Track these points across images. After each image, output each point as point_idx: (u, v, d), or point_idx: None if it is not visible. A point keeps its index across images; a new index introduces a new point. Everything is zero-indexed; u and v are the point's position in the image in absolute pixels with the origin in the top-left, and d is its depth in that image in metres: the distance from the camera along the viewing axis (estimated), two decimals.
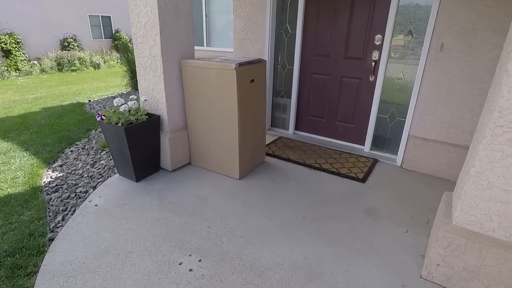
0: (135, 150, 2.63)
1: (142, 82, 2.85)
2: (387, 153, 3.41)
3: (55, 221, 2.32)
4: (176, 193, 2.63)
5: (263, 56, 3.84)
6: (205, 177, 2.89)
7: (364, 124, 3.50)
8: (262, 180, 2.86)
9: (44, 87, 8.52)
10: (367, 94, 3.37)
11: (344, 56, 3.41)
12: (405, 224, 2.30)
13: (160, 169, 3.00)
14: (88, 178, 2.98)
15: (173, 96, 2.81)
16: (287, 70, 3.84)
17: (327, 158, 3.33)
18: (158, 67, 2.65)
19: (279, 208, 2.44)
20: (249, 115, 2.76)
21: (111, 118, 2.52)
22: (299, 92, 3.85)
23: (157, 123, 2.78)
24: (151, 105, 2.87)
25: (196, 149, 3.03)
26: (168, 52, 2.64)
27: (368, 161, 3.29)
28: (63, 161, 3.39)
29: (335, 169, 3.09)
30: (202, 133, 2.90)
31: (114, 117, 2.51)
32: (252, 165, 3.03)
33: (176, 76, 2.78)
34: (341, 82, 3.51)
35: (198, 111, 2.83)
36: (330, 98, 3.65)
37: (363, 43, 3.25)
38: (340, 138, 3.72)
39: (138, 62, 2.79)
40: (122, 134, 2.50)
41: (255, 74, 2.73)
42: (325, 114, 3.74)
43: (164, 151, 2.90)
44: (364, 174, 3.00)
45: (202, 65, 2.63)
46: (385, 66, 3.15)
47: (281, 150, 3.53)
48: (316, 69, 3.63)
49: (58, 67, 11.55)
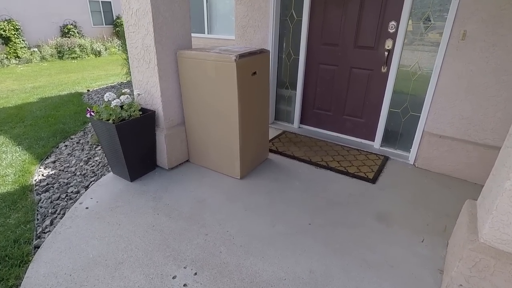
0: (129, 148, 2.45)
1: (136, 75, 2.64)
2: (399, 150, 3.19)
3: (43, 225, 2.17)
4: (173, 194, 2.46)
5: (267, 45, 3.59)
6: (204, 177, 2.72)
7: (374, 119, 3.27)
8: (265, 180, 2.68)
9: (43, 76, 8.34)
10: (379, 86, 3.13)
11: (354, 45, 3.15)
12: (420, 231, 2.11)
13: (156, 168, 2.83)
14: (80, 176, 2.82)
15: (169, 90, 2.60)
16: (292, 60, 3.60)
17: (334, 155, 3.13)
18: (151, 58, 2.44)
19: (282, 212, 2.26)
20: (251, 111, 2.55)
21: (101, 115, 2.33)
22: (304, 84, 3.61)
23: (152, 119, 2.58)
24: (146, 99, 2.67)
25: (194, 147, 2.84)
26: (162, 42, 2.42)
27: (378, 158, 3.08)
28: (56, 157, 3.23)
29: (343, 168, 2.89)
30: (201, 130, 2.70)
31: (105, 114, 2.32)
32: (254, 163, 2.84)
33: (172, 68, 2.56)
34: (350, 73, 3.27)
35: (196, 107, 2.63)
36: (338, 91, 3.41)
37: (376, 31, 2.98)
38: (348, 133, 3.50)
39: (131, 53, 2.57)
40: (114, 132, 2.31)
41: (257, 66, 2.50)
42: (333, 108, 3.51)
43: (160, 149, 2.72)
44: (374, 174, 2.80)
45: (199, 57, 2.40)
46: (399, 56, 2.89)
47: (285, 146, 3.32)
48: (324, 59, 3.38)
49: (59, 55, 11.32)
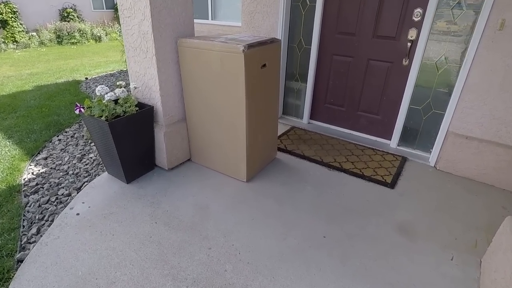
0: (124, 148, 2.22)
1: (132, 65, 2.38)
2: (418, 150, 2.94)
3: (29, 234, 1.97)
4: (172, 199, 2.24)
5: (276, 33, 3.29)
6: (206, 179, 2.49)
7: (392, 116, 3.00)
8: (273, 184, 2.45)
9: (41, 62, 8.07)
10: (399, 80, 2.86)
11: (373, 35, 2.86)
12: (448, 247, 1.88)
13: (155, 167, 2.60)
14: (73, 176, 2.60)
15: (168, 83, 2.34)
16: (303, 50, 3.31)
17: (348, 156, 2.88)
18: (149, 47, 2.17)
19: (294, 222, 2.04)
20: (259, 107, 2.30)
21: (93, 111, 2.09)
22: (316, 76, 3.33)
23: (149, 116, 2.34)
24: (143, 93, 2.42)
25: (196, 145, 2.61)
26: (161, 29, 2.15)
27: (395, 159, 2.84)
28: (49, 153, 3.01)
29: (358, 170, 2.65)
30: (204, 128, 2.46)
31: (97, 109, 2.08)
32: (261, 164, 2.61)
33: (172, 58, 2.30)
34: (367, 65, 2.99)
35: (198, 102, 2.38)
36: (353, 84, 3.14)
37: (398, 19, 2.68)
38: (363, 131, 3.25)
39: (126, 40, 2.31)
40: (107, 130, 2.07)
41: (267, 58, 2.23)
42: (346, 103, 3.25)
43: (159, 148, 2.48)
44: (392, 177, 2.56)
45: (202, 46, 2.14)
46: (423, 48, 2.61)
47: (294, 144, 3.08)
48: (338, 49, 3.10)
49: (58, 40, 10.97)
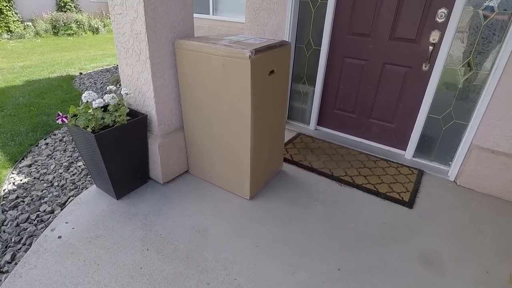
0: (113, 162, 1.98)
1: (124, 68, 2.12)
2: (436, 163, 2.70)
3: (2, 261, 1.73)
4: (167, 219, 2.01)
5: (283, 32, 3.03)
6: (205, 195, 2.25)
7: (408, 125, 2.76)
8: (279, 202, 2.22)
9: (35, 54, 7.77)
10: (417, 87, 2.61)
11: (390, 37, 2.60)
12: (479, 282, 1.66)
13: (149, 180, 2.36)
14: (58, 188, 2.36)
15: (164, 89, 2.09)
16: (312, 51, 3.05)
17: (359, 168, 2.65)
18: (142, 49, 1.92)
19: (303, 251, 1.81)
20: (266, 118, 2.06)
21: (78, 120, 1.84)
22: (325, 80, 3.08)
23: (142, 125, 2.09)
24: (136, 99, 2.16)
25: (195, 157, 2.37)
26: (156, 29, 1.89)
27: (411, 173, 2.61)
28: (34, 159, 2.77)
29: (372, 186, 2.42)
30: (203, 139, 2.22)
31: (82, 120, 1.83)
32: (266, 178, 2.37)
33: (168, 62, 2.05)
34: (382, 70, 2.74)
35: (197, 111, 2.13)
36: (365, 90, 2.89)
37: (419, 20, 2.43)
38: (375, 140, 3.01)
39: (117, 40, 2.05)
40: (93, 142, 1.83)
41: (276, 63, 1.98)
42: (358, 109, 3.00)
43: (153, 160, 2.24)
44: (410, 195, 2.33)
45: (203, 49, 1.88)
46: (447, 52, 2.36)
47: (301, 153, 2.84)
48: (351, 51, 2.84)
49: (54, 31, 10.62)
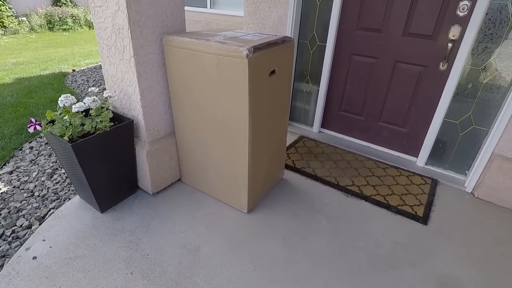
0: (95, 173, 1.77)
1: (107, 68, 1.90)
2: (451, 171, 2.49)
3: None
4: (155, 237, 1.80)
5: (284, 27, 2.80)
6: (199, 207, 2.05)
7: (421, 129, 2.54)
8: (280, 216, 2.01)
9: (29, 50, 7.54)
10: (433, 88, 2.38)
11: (403, 32, 2.37)
12: None
13: (138, 190, 2.16)
14: (39, 199, 2.15)
15: (152, 91, 1.87)
16: (317, 48, 2.82)
17: (368, 177, 2.43)
18: (126, 46, 1.69)
19: (307, 278, 1.61)
20: (265, 124, 1.84)
21: (53, 128, 1.63)
22: (331, 79, 2.85)
23: (128, 132, 1.88)
24: (122, 102, 1.95)
25: (188, 165, 2.16)
26: (141, 23, 1.67)
27: (424, 182, 2.39)
28: (16, 165, 2.56)
29: (382, 197, 2.21)
30: (196, 145, 2.00)
31: (57, 127, 1.61)
32: (266, 188, 2.16)
33: (156, 60, 1.82)
34: (394, 68, 2.51)
35: (190, 115, 1.91)
36: (375, 90, 2.66)
37: (437, 14, 2.19)
38: (384, 145, 2.79)
39: (99, 36, 1.82)
40: (71, 152, 1.62)
41: (277, 62, 1.76)
42: (365, 111, 2.78)
43: (141, 169, 2.03)
44: (424, 209, 2.12)
45: (194, 46, 1.66)
46: (468, 50, 2.12)
47: (304, 159, 2.63)
48: (359, 48, 2.61)
49: (49, 26, 10.36)
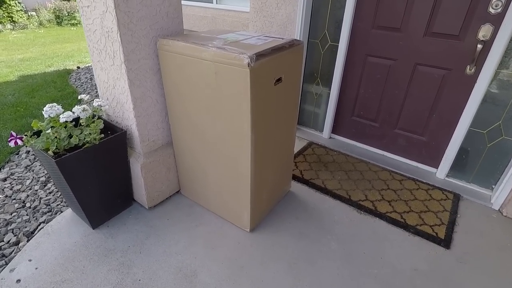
0: (84, 189, 1.63)
1: (99, 73, 1.75)
2: (475, 185, 2.27)
3: None
4: (149, 259, 1.65)
5: (293, 25, 2.59)
6: (198, 224, 1.89)
7: (442, 138, 2.32)
8: (286, 236, 1.83)
9: (36, 45, 7.49)
10: (458, 93, 2.15)
11: (425, 32, 2.14)
12: None
13: (133, 203, 2.01)
14: (30, 211, 2.03)
15: (147, 100, 1.71)
16: (328, 48, 2.60)
17: (382, 190, 2.24)
18: (116, 51, 1.53)
19: None
20: (271, 136, 1.66)
21: (36, 142, 1.49)
22: (343, 81, 2.64)
23: (121, 144, 1.72)
24: (115, 110, 1.79)
25: (187, 177, 2.00)
26: (131, 25, 1.50)
27: (445, 197, 2.18)
28: (10, 171, 2.45)
29: (399, 215, 2.02)
30: (195, 158, 1.84)
31: (40, 142, 1.47)
32: (271, 204, 1.99)
33: (150, 66, 1.65)
34: (413, 71, 2.28)
35: (187, 126, 1.74)
36: (391, 95, 2.44)
37: (465, 11, 1.96)
38: (400, 154, 2.57)
39: (89, 39, 1.66)
40: (56, 168, 1.48)
41: (284, 69, 1.57)
42: (381, 117, 2.56)
43: (136, 182, 1.88)
44: (446, 229, 1.92)
45: (189, 52, 1.48)
46: (501, 52, 1.88)
47: (313, 169, 2.44)
48: (375, 49, 2.39)
49: (57, 20, 10.33)
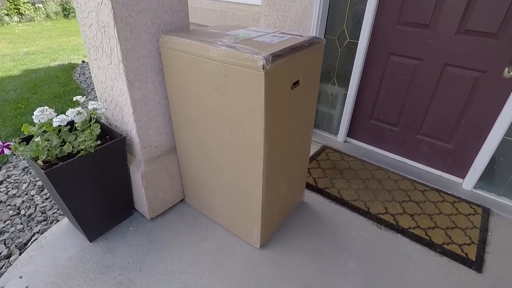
0: (79, 201, 1.48)
1: (96, 72, 1.58)
2: (506, 198, 2.06)
3: None
4: (150, 278, 1.51)
5: (309, 20, 2.39)
6: (203, 239, 1.73)
7: (471, 146, 2.12)
8: (299, 253, 1.67)
9: (43, 38, 7.39)
10: (492, 98, 1.94)
11: (458, 29, 1.92)
12: None
13: (134, 212, 1.87)
14: (24, 219, 1.90)
15: (148, 102, 1.54)
16: (347, 45, 2.40)
17: (403, 202, 2.05)
18: (113, 48, 1.36)
19: None
20: (285, 145, 1.48)
21: (24, 151, 1.33)
22: (362, 82, 2.44)
23: (119, 151, 1.56)
24: (113, 112, 1.63)
25: (191, 186, 1.84)
26: (130, 20, 1.33)
27: (474, 212, 1.99)
28: (8, 173, 2.33)
29: (423, 231, 1.83)
30: (200, 167, 1.67)
31: (28, 150, 1.32)
32: (282, 217, 1.82)
33: (151, 65, 1.49)
34: (442, 73, 2.07)
35: (192, 133, 1.58)
36: (415, 97, 2.24)
37: (506, 7, 1.74)
38: (422, 161, 2.37)
39: (84, 34, 1.50)
40: (46, 179, 1.33)
41: (303, 70, 1.38)
42: (402, 121, 2.36)
43: (137, 192, 1.73)
44: (476, 249, 1.73)
45: (197, 51, 1.30)
46: None
47: (327, 177, 2.26)
48: (399, 47, 2.18)
49: (64, 13, 10.23)
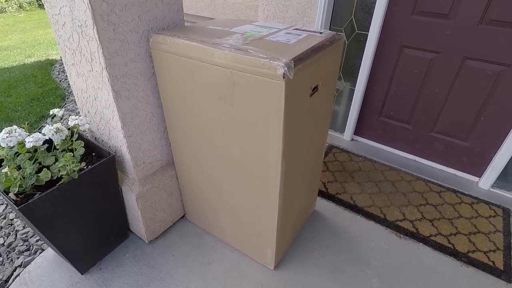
0: (62, 234, 1.27)
1: (75, 79, 1.34)
2: None
3: None
4: None
5: (313, 10, 2.17)
6: (210, 262, 1.55)
7: (490, 144, 1.98)
8: (316, 271, 1.51)
9: (16, 31, 6.88)
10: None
11: (481, 19, 1.75)
12: None
13: (130, 234, 1.66)
14: (4, 250, 1.65)
15: (139, 114, 1.32)
16: (355, 37, 2.20)
17: (421, 206, 1.91)
18: (93, 52, 1.13)
19: None
20: (300, 159, 1.30)
21: None
22: (371, 76, 2.26)
23: (108, 171, 1.34)
24: (99, 127, 1.40)
25: (193, 202, 1.64)
26: (113, 17, 1.09)
27: (494, 214, 1.87)
28: None
29: (445, 239, 1.70)
30: (204, 183, 1.47)
31: None
32: (295, 231, 1.66)
33: (141, 71, 1.26)
34: (461, 67, 1.91)
35: (191, 148, 1.37)
36: (430, 93, 2.07)
37: None
38: (436, 160, 2.24)
39: (57, 35, 1.25)
40: (21, 215, 1.11)
41: (323, 73, 1.18)
42: (415, 118, 2.20)
43: (132, 214, 1.52)
44: (503, 256, 1.61)
45: (196, 54, 1.07)
46: None
47: (337, 180, 2.10)
48: (414, 39, 1.99)
49: (39, 2, 9.58)
